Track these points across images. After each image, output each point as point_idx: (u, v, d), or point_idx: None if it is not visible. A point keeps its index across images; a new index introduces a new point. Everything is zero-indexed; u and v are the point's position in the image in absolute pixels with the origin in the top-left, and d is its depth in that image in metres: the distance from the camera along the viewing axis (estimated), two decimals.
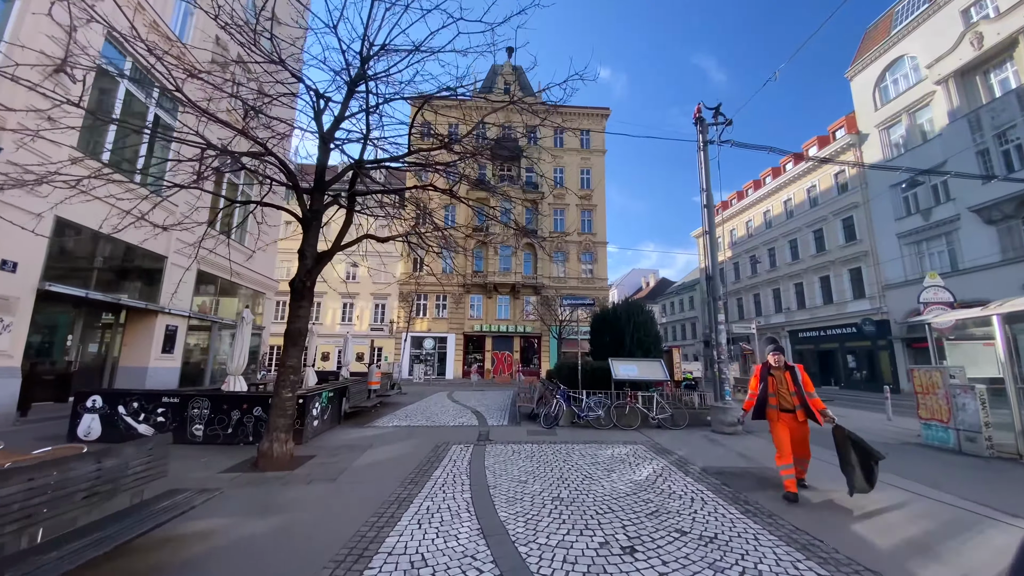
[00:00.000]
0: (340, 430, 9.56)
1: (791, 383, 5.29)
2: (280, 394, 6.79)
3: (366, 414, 11.88)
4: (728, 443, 8.16)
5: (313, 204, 7.40)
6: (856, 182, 30.68)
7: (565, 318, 29.39)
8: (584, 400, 9.69)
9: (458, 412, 12.30)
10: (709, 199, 9.90)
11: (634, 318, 11.62)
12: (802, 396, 5.20)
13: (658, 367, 10.22)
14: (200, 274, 15.38)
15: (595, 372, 10.49)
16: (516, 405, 13.39)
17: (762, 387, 5.48)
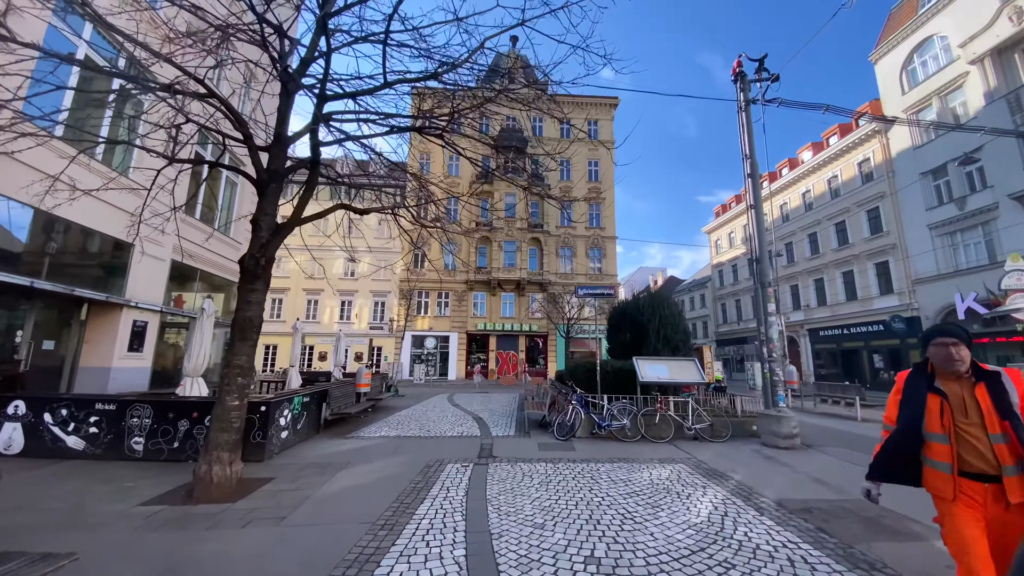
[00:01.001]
0: (317, 442, 8.06)
1: (990, 411, 2.32)
2: (223, 402, 5.28)
3: (353, 421, 10.38)
4: (789, 461, 6.57)
5: (272, 163, 5.90)
6: (882, 171, 28.93)
7: (573, 316, 27.86)
8: (605, 407, 8.14)
9: (458, 419, 10.78)
10: (753, 167, 8.33)
11: (660, 311, 10.07)
12: (1020, 442, 2.22)
13: (692, 367, 8.66)
14: (177, 266, 13.91)
15: (616, 374, 8.95)
16: (524, 410, 11.86)
17: (909, 417, 2.54)
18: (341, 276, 33.22)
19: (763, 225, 8.32)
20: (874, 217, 29.28)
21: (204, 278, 15.36)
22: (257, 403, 6.86)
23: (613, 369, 8.99)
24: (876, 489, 2.74)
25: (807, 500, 4.80)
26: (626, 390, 8.81)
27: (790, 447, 7.18)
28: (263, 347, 31.74)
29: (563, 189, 34.55)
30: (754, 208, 8.31)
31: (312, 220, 6.45)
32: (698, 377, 8.45)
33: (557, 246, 33.39)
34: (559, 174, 34.87)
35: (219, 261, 15.61)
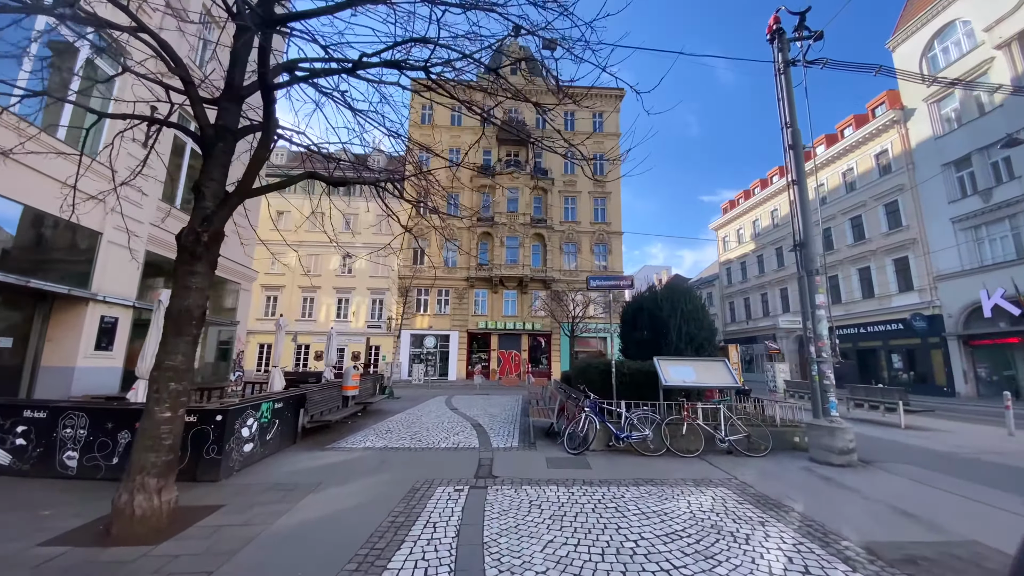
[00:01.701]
0: (290, 455, 6.96)
1: None
2: (150, 414, 4.18)
3: (339, 428, 9.28)
4: (853, 483, 5.43)
5: (221, 117, 4.79)
6: (901, 163, 27.69)
7: (578, 314, 26.71)
8: (624, 415, 7.01)
9: (455, 425, 9.67)
10: (795, 137, 7.18)
11: (681, 306, 8.93)
12: None
13: (723, 369, 7.53)
14: (152, 257, 12.83)
15: (634, 377, 7.83)
16: (528, 416, 10.74)
17: None
18: (338, 273, 32.17)
19: (808, 204, 7.18)
20: (892, 211, 28.06)
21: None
22: (212, 412, 5.77)
23: (630, 371, 7.85)
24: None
25: (902, 544, 3.67)
26: (645, 395, 7.69)
27: (846, 464, 6.04)
28: (256, 347, 30.73)
29: (567, 183, 33.41)
30: (797, 184, 7.17)
31: (270, 191, 5.35)
32: (731, 380, 7.32)
33: (561, 242, 32.27)
34: (563, 167, 33.72)
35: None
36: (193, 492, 5.09)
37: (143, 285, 12.44)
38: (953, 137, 25.08)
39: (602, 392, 8.03)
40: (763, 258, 39.48)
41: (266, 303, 31.67)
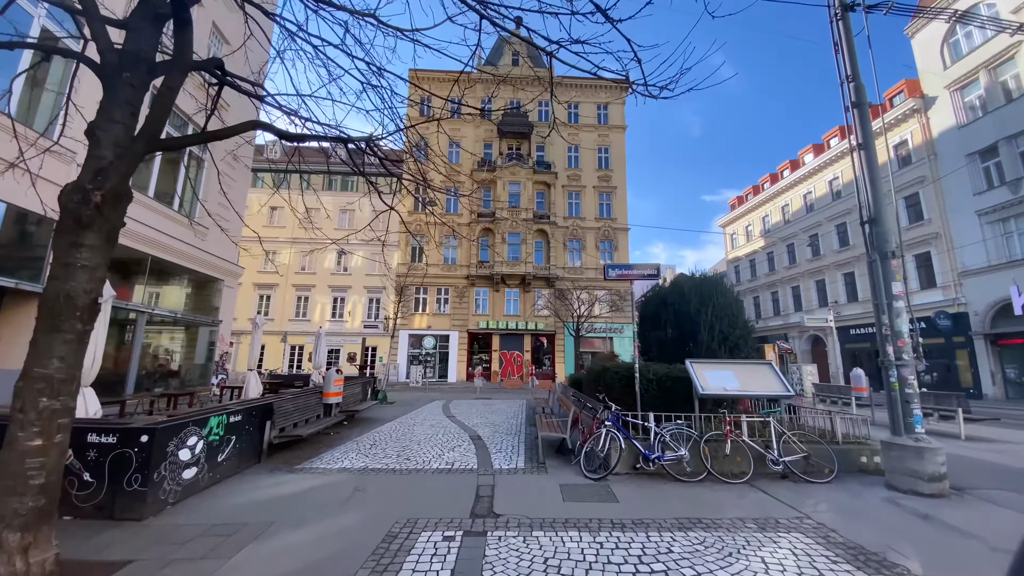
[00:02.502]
0: (249, 478, 5.73)
1: None
2: (14, 444, 2.96)
3: (316, 442, 8.06)
4: (963, 523, 4.17)
5: (129, 40, 3.56)
6: (922, 153, 26.44)
7: (583, 313, 25.47)
8: (653, 430, 5.76)
9: (451, 437, 8.43)
10: (859, 93, 5.94)
11: (712, 300, 7.70)
12: None
13: (770, 374, 6.29)
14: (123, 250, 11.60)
15: (661, 383, 6.58)
16: (534, 425, 9.51)
17: None
18: (333, 271, 30.97)
19: (877, 172, 5.95)
20: (913, 204, 26.80)
21: (163, 267, 13.06)
22: (136, 431, 4.54)
23: (656, 376, 6.60)
24: None
25: None
26: (674, 406, 6.45)
27: (938, 494, 4.79)
28: (248, 347, 29.50)
29: (571, 177, 32.17)
30: (863, 148, 5.93)
31: (193, 143, 4.11)
32: (781, 387, 6.08)
33: (565, 238, 31.03)
34: (567, 161, 32.49)
35: (182, 249, 13.35)
36: (101, 537, 3.88)
37: (111, 280, 11.18)
38: (978, 126, 23.81)
39: (621, 401, 6.79)
40: (773, 255, 38.19)
41: (259, 302, 30.49)
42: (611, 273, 6.86)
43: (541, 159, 32.08)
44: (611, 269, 6.90)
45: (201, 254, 14.55)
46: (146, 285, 12.78)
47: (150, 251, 12.23)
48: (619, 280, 6.87)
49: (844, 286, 30.91)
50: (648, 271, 6.87)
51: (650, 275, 6.88)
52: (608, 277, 6.85)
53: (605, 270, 6.85)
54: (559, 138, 32.85)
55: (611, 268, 6.91)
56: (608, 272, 6.87)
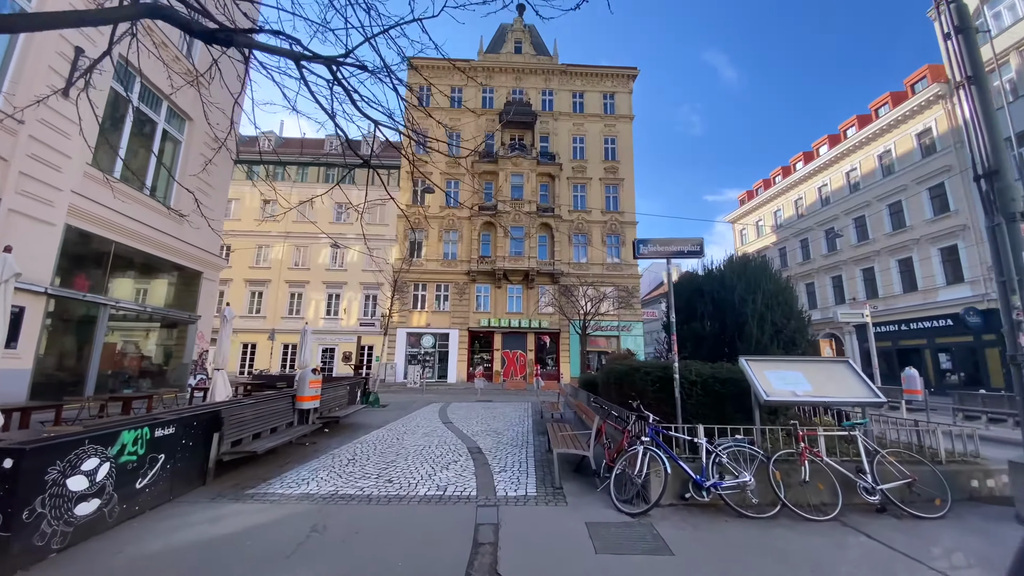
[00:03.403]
0: (181, 508, 4.43)
1: None
2: None
3: (283, 454, 6.74)
4: None
5: None
6: (947, 141, 24.98)
7: (590, 310, 24.11)
8: (705, 448, 4.42)
9: (446, 450, 7.10)
10: (962, 16, 4.57)
11: (761, 286, 6.36)
12: None
13: (849, 374, 4.94)
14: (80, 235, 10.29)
15: (706, 386, 5.18)
16: (543, 434, 8.19)
17: None
18: (328, 266, 29.66)
19: (993, 110, 4.58)
20: (938, 195, 25.34)
21: (131, 257, 11.74)
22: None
23: (701, 378, 5.22)
24: None
25: None
26: (725, 416, 5.11)
27: None
28: (240, 346, 28.25)
29: (576, 168, 30.81)
30: (974, 83, 4.56)
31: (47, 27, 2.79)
32: (868, 392, 4.74)
33: (570, 232, 29.67)
34: (572, 152, 31.13)
35: (154, 236, 12.03)
36: None
37: (64, 268, 9.87)
38: (1010, 110, 22.36)
39: (654, 409, 5.43)
40: (786, 251, 36.76)
41: (251, 299, 29.21)
42: (643, 249, 5.52)
43: (545, 150, 30.73)
44: (642, 244, 5.55)
45: (176, 243, 13.19)
46: (108, 275, 11.40)
47: (114, 237, 10.92)
48: (652, 258, 5.51)
49: (863, 282, 29.51)
50: (688, 246, 5.52)
51: (691, 251, 5.54)
52: (639, 255, 5.51)
53: (635, 246, 5.52)
54: (564, 129, 31.52)
55: (642, 243, 5.56)
56: (639, 248, 5.53)
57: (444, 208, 29.68)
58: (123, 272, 11.77)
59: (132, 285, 12.44)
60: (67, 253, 9.77)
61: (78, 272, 10.31)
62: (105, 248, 11.03)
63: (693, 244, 5.56)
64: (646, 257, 5.57)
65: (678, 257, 5.61)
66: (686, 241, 5.58)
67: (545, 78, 32.21)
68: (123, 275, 11.83)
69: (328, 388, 9.47)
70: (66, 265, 9.77)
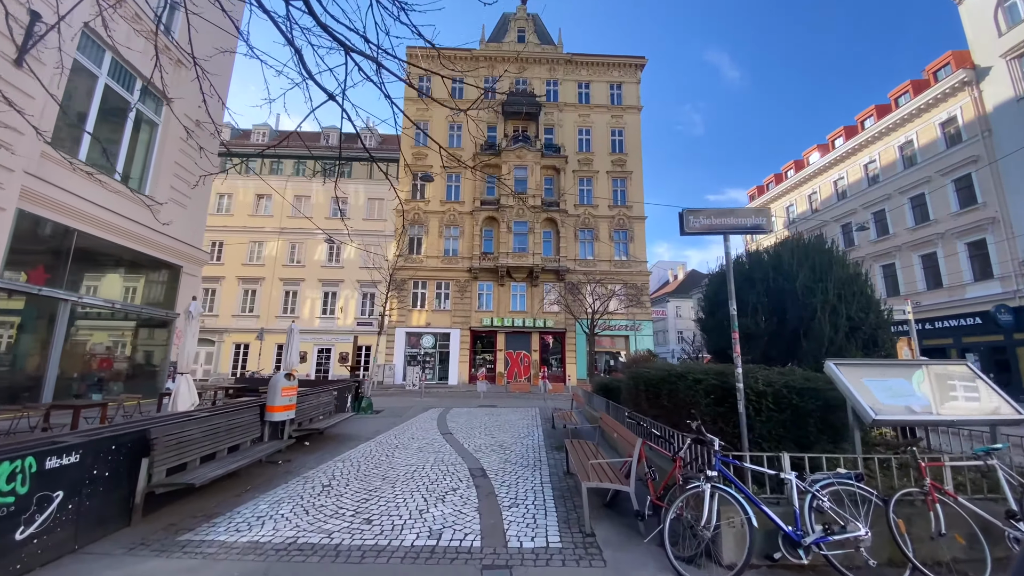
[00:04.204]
0: (87, 564, 3.23)
1: None
2: None
3: (246, 477, 5.56)
4: None
5: None
6: (974, 130, 23.72)
7: (598, 309, 22.89)
8: (795, 486, 3.21)
9: (442, 473, 5.89)
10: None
11: (831, 272, 5.13)
12: None
13: (972, 382, 3.74)
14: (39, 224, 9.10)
15: (778, 399, 3.94)
16: (559, 450, 6.99)
17: None
18: (324, 263, 28.48)
19: None
20: (964, 187, 24.08)
21: (93, 247, 10.51)
22: None
23: (771, 388, 3.99)
24: None
25: None
26: (804, 438, 3.91)
27: None
28: (232, 346, 27.10)
29: (583, 161, 29.57)
30: None
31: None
32: (1007, 407, 3.52)
33: (576, 228, 28.44)
34: (577, 144, 29.89)
35: (125, 226, 10.84)
36: None
37: (16, 259, 8.65)
38: None
39: (707, 426, 4.22)
40: None
41: (244, 297, 28.04)
42: (692, 222, 4.28)
43: (550, 142, 29.51)
44: (691, 217, 4.30)
45: (152, 234, 11.93)
46: (69, 267, 10.16)
47: (77, 225, 9.70)
48: (703, 232, 4.29)
49: (883, 279, 28.20)
50: (750, 218, 4.30)
51: (754, 226, 4.32)
52: (686, 229, 4.29)
53: (682, 220, 4.30)
54: (569, 120, 30.29)
55: (691, 215, 4.30)
56: (686, 222, 4.29)
57: (445, 202, 28.49)
58: (89, 265, 10.56)
59: (101, 280, 11.27)
60: (20, 242, 8.56)
61: (34, 263, 9.11)
62: (67, 238, 9.79)
63: (756, 216, 4.34)
64: (694, 232, 4.35)
65: (736, 232, 4.39)
66: (747, 211, 4.35)
67: (550, 68, 30.98)
68: (89, 268, 10.62)
69: (309, 395, 8.27)
70: (19, 256, 8.56)
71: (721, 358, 6.10)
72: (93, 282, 11.03)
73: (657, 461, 4.41)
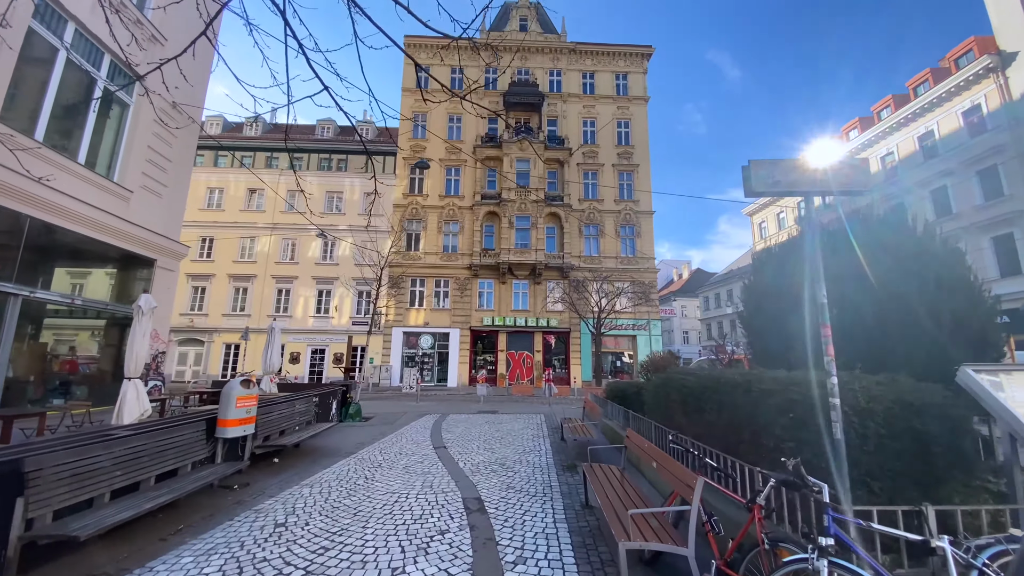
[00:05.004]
0: None
1: None
2: None
3: (188, 509, 4.43)
4: None
5: None
6: (1000, 118, 22.62)
7: (606, 308, 21.75)
8: (951, 556, 2.11)
9: (430, 507, 4.75)
10: None
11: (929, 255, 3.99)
12: None
13: None
14: None
15: (891, 417, 2.81)
16: (570, 470, 5.87)
17: None
18: (318, 260, 27.35)
19: None
20: (989, 177, 22.94)
21: (50, 236, 9.36)
22: None
23: (882, 406, 2.81)
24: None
25: None
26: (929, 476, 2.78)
27: None
28: (222, 347, 26.00)
29: (587, 154, 28.41)
30: None
31: None
32: None
33: (580, 223, 27.27)
34: (582, 136, 28.73)
35: (83, 212, 9.68)
36: None
37: None
38: None
39: (780, 453, 3.10)
40: None
41: (235, 295, 26.94)
42: (762, 179, 3.12)
43: (553, 134, 28.34)
44: (760, 172, 3.14)
45: (122, 224, 10.75)
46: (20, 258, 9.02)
47: (30, 211, 8.56)
48: (775, 193, 3.14)
49: None
50: (843, 173, 3.15)
51: (845, 184, 3.17)
52: (752, 189, 3.15)
53: (747, 176, 3.14)
54: (573, 111, 29.13)
55: (760, 169, 3.15)
56: (754, 178, 3.14)
57: (444, 197, 27.35)
58: (46, 257, 9.45)
59: (61, 273, 10.19)
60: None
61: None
62: (16, 225, 8.65)
63: (850, 171, 3.19)
64: (762, 192, 3.21)
65: (820, 192, 3.25)
66: (838, 167, 3.22)
67: (553, 57, 29.81)
68: (47, 261, 9.51)
69: (278, 404, 7.13)
70: None
71: (768, 363, 4.95)
72: (49, 276, 9.91)
73: (715, 503, 3.26)
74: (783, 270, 4.91)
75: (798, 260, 4.62)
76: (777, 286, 4.89)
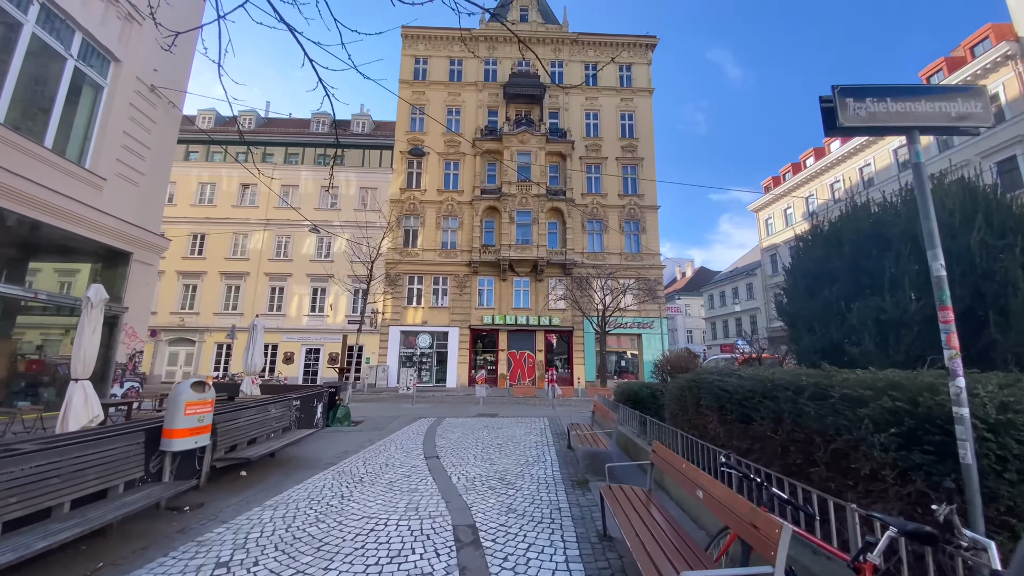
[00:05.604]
0: None
1: None
2: None
3: (121, 539, 3.59)
4: None
5: None
6: (1020, 107, 21.64)
7: (610, 306, 20.91)
8: None
9: (412, 538, 3.90)
10: None
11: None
12: None
13: None
14: None
15: None
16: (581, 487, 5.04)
17: None
18: (312, 257, 26.51)
19: None
20: (1008, 170, 22.02)
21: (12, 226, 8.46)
22: None
23: (1021, 417, 2.14)
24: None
25: None
26: None
27: None
28: (213, 347, 25.18)
29: (590, 147, 27.56)
30: None
31: None
32: None
33: (583, 218, 26.41)
34: (584, 129, 27.88)
35: (49, 200, 8.86)
36: None
37: None
38: None
39: (878, 482, 2.28)
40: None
41: (226, 293, 26.12)
42: (856, 111, 2.31)
43: (555, 126, 27.49)
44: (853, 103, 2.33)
45: (95, 214, 9.91)
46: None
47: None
48: (869, 131, 2.29)
49: None
50: (955, 103, 2.34)
51: (975, 122, 2.34)
52: (845, 122, 2.32)
53: (835, 105, 2.32)
54: (575, 103, 28.26)
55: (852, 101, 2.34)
56: (846, 109, 2.31)
57: (442, 191, 26.51)
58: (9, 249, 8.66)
59: (25, 265, 9.42)
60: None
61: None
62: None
63: (965, 100, 2.37)
64: (853, 130, 2.37)
65: (934, 131, 2.42)
66: (950, 96, 2.38)
67: (554, 48, 28.95)
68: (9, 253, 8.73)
69: (248, 409, 6.28)
70: None
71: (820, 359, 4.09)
72: (12, 268, 9.11)
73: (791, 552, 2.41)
74: (840, 249, 4.06)
75: (868, 237, 3.77)
76: (834, 267, 4.04)
